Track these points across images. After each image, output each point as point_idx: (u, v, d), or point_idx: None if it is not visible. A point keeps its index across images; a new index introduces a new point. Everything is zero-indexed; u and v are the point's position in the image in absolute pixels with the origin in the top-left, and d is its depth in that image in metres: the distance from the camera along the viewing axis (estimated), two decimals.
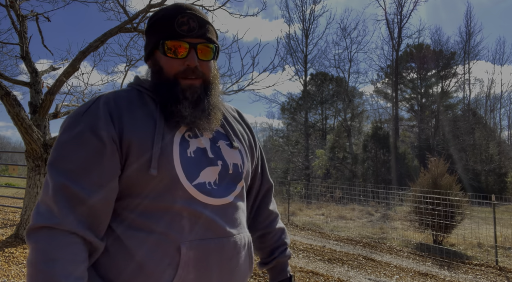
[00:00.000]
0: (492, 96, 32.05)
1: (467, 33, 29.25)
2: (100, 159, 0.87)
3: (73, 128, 0.89)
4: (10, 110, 4.22)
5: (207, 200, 0.93)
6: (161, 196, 0.89)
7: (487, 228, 7.78)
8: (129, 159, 0.89)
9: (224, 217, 0.95)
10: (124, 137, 0.89)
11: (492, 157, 24.56)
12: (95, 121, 0.89)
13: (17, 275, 3.55)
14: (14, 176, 10.02)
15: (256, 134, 1.22)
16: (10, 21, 5.07)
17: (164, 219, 0.89)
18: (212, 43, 0.99)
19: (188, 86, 0.96)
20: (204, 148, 0.98)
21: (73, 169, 0.86)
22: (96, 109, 0.91)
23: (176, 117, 0.94)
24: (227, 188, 0.98)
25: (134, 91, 1.01)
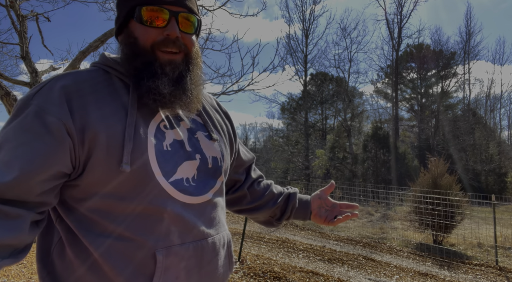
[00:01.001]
0: (492, 96, 32.07)
1: (467, 33, 29.26)
2: (39, 147, 0.73)
3: (20, 113, 0.76)
4: (10, 110, 4.22)
5: (184, 198, 0.83)
6: (133, 196, 0.78)
7: (487, 228, 7.78)
8: (95, 154, 0.76)
9: (202, 217, 0.87)
10: (87, 128, 0.75)
11: (492, 157, 24.56)
12: (45, 104, 0.75)
13: (17, 275, 3.55)
14: None
15: (234, 123, 1.14)
16: (10, 21, 5.08)
17: (137, 223, 0.78)
18: (194, 15, 0.87)
19: (168, 61, 0.83)
20: (181, 140, 0.88)
21: (7, 148, 0.74)
22: (49, 91, 0.77)
23: (153, 95, 0.81)
24: (206, 184, 0.89)
25: (99, 71, 0.87)
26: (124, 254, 0.77)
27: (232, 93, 5.32)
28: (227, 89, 5.41)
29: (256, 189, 1.19)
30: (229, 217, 9.76)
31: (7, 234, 0.70)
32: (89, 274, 0.79)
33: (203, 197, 0.87)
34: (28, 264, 3.83)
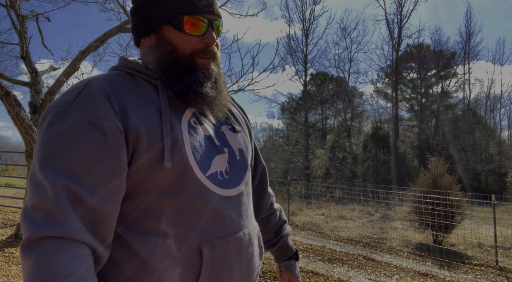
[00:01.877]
0: (492, 96, 32.07)
1: (467, 33, 29.26)
2: (103, 154, 0.73)
3: (63, 119, 0.74)
4: (10, 110, 4.22)
5: (221, 191, 0.86)
6: (174, 192, 0.80)
7: (487, 228, 7.78)
8: (137, 152, 0.77)
9: (238, 208, 0.89)
10: (130, 128, 0.77)
11: (492, 157, 24.56)
12: (92, 109, 0.74)
13: (17, 275, 3.55)
14: (14, 176, 10.02)
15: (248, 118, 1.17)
16: (10, 21, 5.08)
17: (180, 218, 0.80)
18: (221, 21, 0.92)
19: (205, 66, 0.87)
20: (209, 135, 0.90)
21: (73, 167, 0.71)
22: (89, 95, 0.76)
23: (200, 98, 0.85)
24: (237, 176, 0.92)
25: (124, 75, 0.87)
26: (170, 250, 0.79)
27: (232, 93, 5.31)
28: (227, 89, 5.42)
29: (266, 214, 1.20)
30: None
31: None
32: (138, 274, 0.78)
33: (236, 189, 0.90)
34: None
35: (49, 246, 0.67)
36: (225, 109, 0.95)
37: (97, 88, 0.78)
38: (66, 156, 0.72)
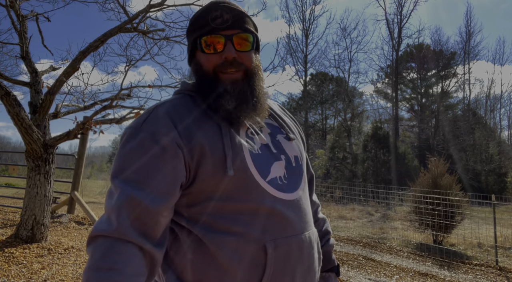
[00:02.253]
0: (492, 96, 32.07)
1: (467, 33, 29.26)
2: (161, 166, 0.85)
3: (134, 138, 0.88)
4: (10, 110, 4.22)
5: (281, 195, 0.92)
6: (238, 196, 0.88)
7: (487, 228, 7.78)
8: (203, 164, 0.88)
9: (298, 212, 0.94)
10: (194, 144, 0.88)
11: (492, 157, 24.56)
12: (155, 128, 0.88)
13: (17, 275, 3.55)
14: (14, 176, 10.02)
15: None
16: (10, 21, 5.07)
17: (244, 219, 0.88)
18: (249, 33, 0.96)
19: (228, 80, 0.94)
20: (266, 144, 0.99)
21: (137, 178, 0.84)
22: (155, 118, 0.90)
23: (222, 112, 0.92)
24: (294, 181, 0.98)
25: (186, 97, 0.99)
26: (237, 248, 0.86)
27: None
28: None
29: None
30: None
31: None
32: (209, 268, 0.87)
33: (295, 194, 0.96)
34: (28, 264, 3.83)
35: (99, 242, 0.81)
36: (264, 116, 1.01)
37: (162, 112, 0.92)
38: (131, 167, 0.85)
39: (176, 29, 5.45)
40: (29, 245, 4.35)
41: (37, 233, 4.53)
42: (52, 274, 3.65)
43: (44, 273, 3.65)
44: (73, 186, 7.19)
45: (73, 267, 3.92)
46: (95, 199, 13.33)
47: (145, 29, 4.88)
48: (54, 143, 4.66)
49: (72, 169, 7.99)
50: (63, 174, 18.88)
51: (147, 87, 5.34)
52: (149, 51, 5.26)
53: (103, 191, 15.44)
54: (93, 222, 6.36)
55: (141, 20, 4.64)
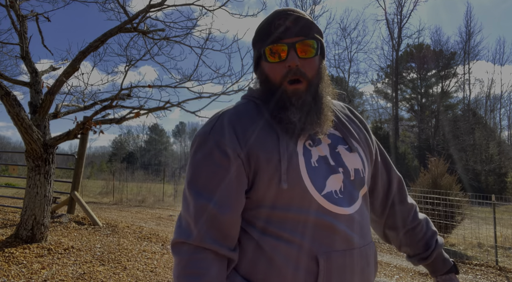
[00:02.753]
0: (492, 96, 32.08)
1: (467, 33, 29.27)
2: (227, 175, 0.90)
3: (203, 147, 0.93)
4: (10, 110, 4.22)
5: (336, 209, 0.92)
6: (292, 207, 0.90)
7: (487, 228, 7.78)
8: (259, 174, 0.91)
9: (353, 227, 0.94)
10: (251, 153, 0.91)
11: (492, 157, 24.56)
12: (221, 138, 0.92)
13: (17, 275, 3.55)
14: (14, 176, 10.02)
15: (369, 128, 1.17)
16: (10, 21, 5.07)
17: (297, 229, 0.89)
18: (312, 39, 0.95)
19: (293, 91, 0.94)
20: (324, 156, 0.97)
21: (207, 187, 0.90)
22: (221, 127, 0.93)
23: (286, 124, 0.93)
24: (351, 195, 0.96)
25: (251, 104, 1.01)
26: (292, 255, 0.89)
27: (232, 93, 5.31)
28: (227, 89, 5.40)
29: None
30: None
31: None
32: (267, 269, 0.91)
33: (351, 208, 0.94)
34: (28, 264, 3.83)
35: (184, 249, 0.89)
36: (328, 127, 0.99)
37: (227, 120, 0.95)
38: (202, 176, 0.92)
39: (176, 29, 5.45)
40: (29, 245, 4.35)
41: (37, 233, 4.53)
42: (52, 274, 3.65)
43: (44, 273, 3.65)
44: (73, 186, 7.19)
45: (73, 267, 3.92)
46: (95, 199, 13.34)
47: (145, 29, 4.88)
48: (54, 143, 4.66)
49: (72, 169, 7.99)
50: (63, 174, 18.88)
51: (147, 87, 5.34)
52: (149, 51, 5.27)
53: (103, 191, 15.44)
54: (93, 222, 6.36)
55: (141, 20, 4.64)
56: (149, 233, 5.91)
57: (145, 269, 4.06)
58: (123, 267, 4.07)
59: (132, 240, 5.43)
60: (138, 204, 12.30)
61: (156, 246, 5.17)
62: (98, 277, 3.67)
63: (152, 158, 49.11)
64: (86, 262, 4.11)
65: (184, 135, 56.39)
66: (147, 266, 4.19)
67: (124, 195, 13.79)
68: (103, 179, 18.14)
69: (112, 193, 14.15)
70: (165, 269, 4.14)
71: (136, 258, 4.45)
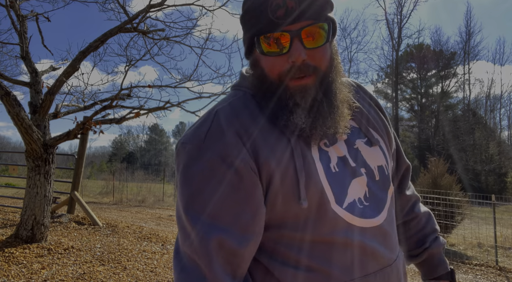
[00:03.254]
0: (492, 96, 32.08)
1: (467, 33, 29.27)
2: (241, 196, 0.69)
3: (199, 159, 0.70)
4: (10, 111, 4.22)
5: (362, 223, 0.74)
6: (310, 227, 0.72)
7: (487, 228, 7.78)
8: (271, 189, 0.71)
9: (383, 240, 0.77)
10: (262, 164, 0.70)
11: (492, 157, 24.57)
12: (223, 147, 0.70)
13: (17, 275, 3.55)
14: (14, 176, 10.02)
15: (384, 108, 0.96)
16: (10, 21, 5.07)
17: (319, 253, 0.73)
18: (323, 22, 0.71)
19: (297, 88, 0.72)
20: (343, 156, 0.78)
21: (214, 211, 0.69)
22: (218, 130, 0.71)
23: (291, 129, 0.73)
24: (379, 201, 0.79)
25: (247, 97, 0.78)
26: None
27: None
28: (227, 89, 5.41)
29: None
30: None
31: None
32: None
33: (380, 217, 0.77)
34: (28, 264, 3.83)
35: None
36: (342, 131, 0.78)
37: (225, 123, 0.72)
38: (207, 200, 0.69)
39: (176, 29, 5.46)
40: (29, 245, 4.36)
41: (37, 233, 4.53)
42: (52, 274, 3.65)
43: (44, 273, 3.65)
44: (73, 186, 7.19)
45: (73, 267, 3.92)
46: (95, 199, 13.34)
47: (145, 29, 4.88)
48: (54, 143, 4.66)
49: (72, 169, 8.00)
50: (63, 174, 18.88)
51: (147, 87, 5.35)
52: (149, 51, 5.27)
53: (103, 191, 15.45)
54: (93, 222, 6.37)
55: (141, 20, 4.65)
56: (149, 233, 5.91)
57: (145, 269, 4.06)
58: (123, 267, 4.07)
59: (132, 240, 5.43)
60: (138, 204, 12.30)
61: (156, 246, 5.17)
62: (98, 277, 3.67)
63: (152, 158, 49.12)
64: (86, 262, 4.11)
65: None
66: (147, 266, 4.19)
67: (124, 195, 13.79)
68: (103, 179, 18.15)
69: (112, 193, 14.15)
70: (165, 269, 4.14)
71: (136, 258, 4.45)
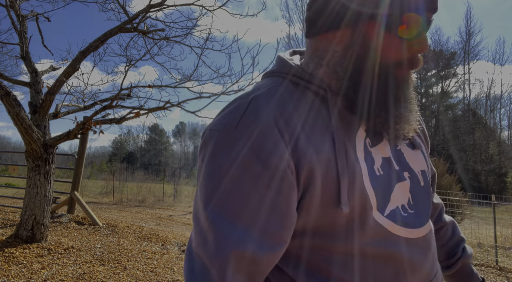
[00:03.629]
0: (492, 96, 32.08)
1: (467, 33, 29.28)
2: (274, 198, 0.59)
3: (228, 149, 0.60)
4: (10, 111, 4.22)
5: (407, 233, 0.66)
6: (346, 235, 0.63)
7: (487, 228, 7.78)
8: (309, 191, 0.61)
9: (428, 251, 0.70)
10: (302, 163, 0.60)
11: (492, 157, 24.57)
12: (260, 139, 0.59)
13: (17, 275, 3.55)
14: (14, 176, 10.02)
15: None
16: (10, 21, 5.08)
17: (352, 265, 0.64)
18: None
19: (404, 79, 0.66)
20: (388, 157, 0.69)
21: (239, 214, 0.59)
22: (256, 119, 0.60)
23: (381, 125, 0.66)
24: (423, 208, 0.71)
25: (288, 85, 0.67)
26: None
27: (232, 93, 5.32)
28: (227, 89, 5.40)
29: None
30: None
31: None
32: None
33: (425, 227, 0.70)
34: (28, 264, 3.83)
35: None
36: (413, 131, 0.71)
37: (264, 110, 0.61)
38: (232, 198, 0.59)
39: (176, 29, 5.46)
40: (29, 245, 4.36)
41: (37, 233, 4.54)
42: (52, 274, 3.65)
43: (44, 273, 3.65)
44: (73, 186, 7.19)
45: (73, 267, 3.92)
46: (95, 199, 13.35)
47: (145, 29, 4.88)
48: (54, 143, 4.66)
49: (72, 169, 8.00)
50: (63, 174, 18.88)
51: (147, 87, 5.35)
52: (149, 51, 5.27)
53: (103, 191, 15.45)
54: (93, 222, 6.37)
55: (141, 20, 4.65)
56: (149, 233, 5.91)
57: (145, 269, 4.06)
58: (123, 267, 4.07)
59: (132, 240, 5.43)
60: (138, 204, 12.30)
61: (156, 246, 5.17)
62: (98, 277, 3.67)
63: (152, 158, 49.13)
64: (86, 262, 4.11)
65: (184, 136, 56.43)
66: (147, 266, 4.19)
67: (124, 195, 13.79)
68: (103, 179, 18.16)
69: (112, 193, 14.15)
70: (165, 269, 4.14)
71: (136, 258, 4.45)
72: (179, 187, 15.35)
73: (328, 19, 0.66)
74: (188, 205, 12.73)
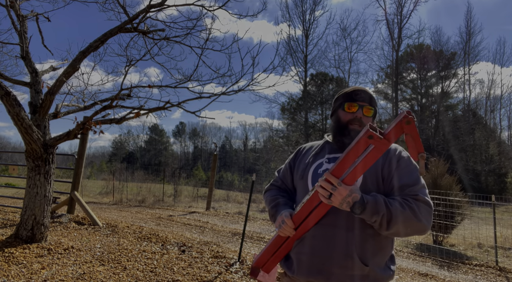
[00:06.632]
0: (492, 96, 32.07)
1: (467, 34, 29.27)
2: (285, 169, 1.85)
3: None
4: (10, 110, 4.22)
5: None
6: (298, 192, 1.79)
7: (487, 228, 7.77)
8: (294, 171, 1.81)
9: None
10: (295, 163, 1.79)
11: (492, 157, 24.55)
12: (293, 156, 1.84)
13: (17, 275, 3.55)
14: (14, 176, 10.03)
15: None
16: (10, 21, 5.07)
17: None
18: (373, 108, 1.59)
19: (353, 129, 1.54)
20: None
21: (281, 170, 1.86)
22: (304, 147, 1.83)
23: (340, 144, 1.56)
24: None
25: (320, 139, 1.75)
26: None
27: (232, 94, 5.31)
28: (227, 89, 5.40)
29: None
30: (229, 217, 9.75)
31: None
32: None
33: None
34: (28, 264, 3.83)
35: (268, 190, 1.82)
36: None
37: (305, 144, 1.80)
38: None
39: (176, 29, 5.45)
40: (29, 245, 4.36)
41: (37, 233, 4.53)
42: (52, 274, 3.65)
43: (44, 273, 3.65)
44: (73, 186, 7.19)
45: (73, 267, 3.92)
46: (95, 199, 13.34)
47: (145, 29, 4.88)
48: (54, 143, 4.66)
49: (72, 169, 7.99)
50: (63, 174, 18.88)
51: (147, 87, 5.34)
52: (149, 51, 5.26)
53: (103, 191, 15.44)
54: (93, 222, 6.36)
55: (141, 20, 4.65)
56: (149, 233, 5.91)
57: (145, 269, 4.06)
58: (123, 267, 4.07)
59: (132, 240, 5.43)
60: (138, 204, 12.30)
61: (156, 246, 5.17)
62: (98, 277, 3.67)
63: (152, 158, 49.10)
64: (86, 262, 4.11)
65: (184, 136, 56.38)
66: (147, 266, 4.19)
67: (124, 195, 13.79)
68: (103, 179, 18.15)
69: (112, 193, 14.15)
70: (165, 269, 4.14)
71: (136, 258, 4.45)
72: (179, 187, 15.35)
73: (331, 113, 1.70)
74: (188, 205, 12.73)
